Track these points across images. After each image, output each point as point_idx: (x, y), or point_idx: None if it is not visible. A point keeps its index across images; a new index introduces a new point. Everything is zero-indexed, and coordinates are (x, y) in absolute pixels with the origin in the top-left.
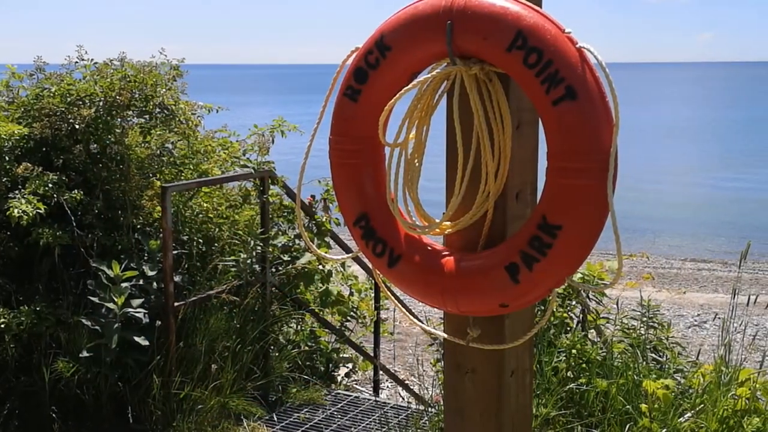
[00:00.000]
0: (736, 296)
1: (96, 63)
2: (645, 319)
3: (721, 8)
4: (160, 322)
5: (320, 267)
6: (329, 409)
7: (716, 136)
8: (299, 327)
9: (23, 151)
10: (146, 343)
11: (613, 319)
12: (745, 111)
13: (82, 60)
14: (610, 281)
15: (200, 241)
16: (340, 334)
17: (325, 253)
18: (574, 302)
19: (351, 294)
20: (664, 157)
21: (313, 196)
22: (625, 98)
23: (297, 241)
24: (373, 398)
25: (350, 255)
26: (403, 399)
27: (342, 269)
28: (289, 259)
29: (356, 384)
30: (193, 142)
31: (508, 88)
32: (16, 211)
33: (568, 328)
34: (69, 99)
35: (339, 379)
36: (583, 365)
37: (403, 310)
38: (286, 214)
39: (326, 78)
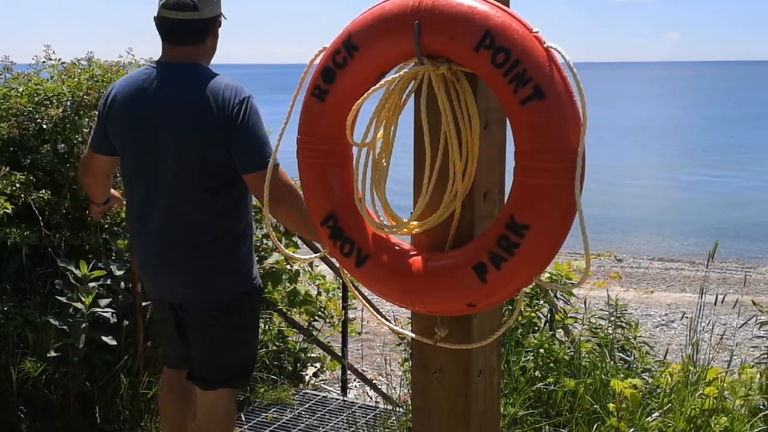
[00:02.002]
0: (703, 296)
1: (64, 63)
2: (613, 318)
3: (688, 8)
4: (127, 322)
5: (288, 267)
6: (297, 409)
7: (683, 135)
8: (267, 327)
9: None
10: (114, 342)
11: (580, 319)
12: (711, 110)
13: (50, 60)
14: (577, 281)
15: None
16: (308, 333)
17: (293, 252)
18: (541, 302)
19: (319, 294)
20: (632, 157)
21: None
22: (592, 98)
23: (264, 241)
24: (341, 398)
25: (318, 255)
26: (371, 399)
27: (310, 269)
28: (256, 258)
29: (324, 384)
30: None
31: (476, 88)
32: None
33: (536, 328)
34: (36, 99)
35: (307, 378)
36: (551, 365)
37: (371, 309)
38: (253, 213)
39: (294, 78)
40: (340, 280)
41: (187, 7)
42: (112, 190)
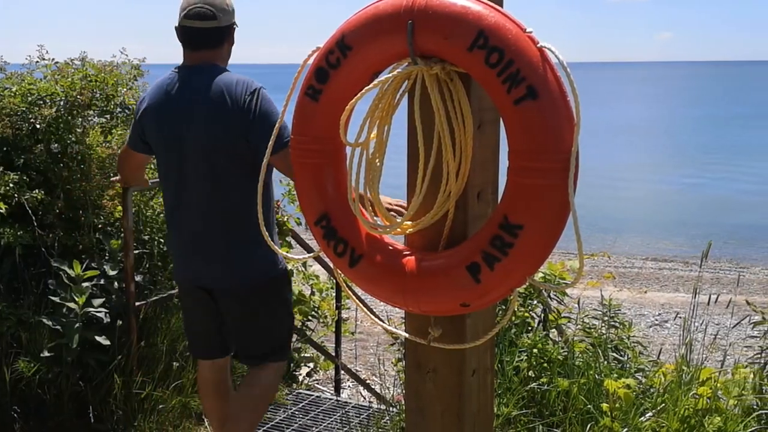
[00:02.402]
0: (697, 295)
1: (57, 63)
2: (606, 318)
3: (680, 8)
4: (121, 322)
5: None
6: (290, 409)
7: (676, 134)
8: None
9: None
10: (107, 342)
11: (574, 319)
12: (704, 110)
13: (43, 60)
14: (571, 281)
15: (161, 240)
16: (302, 333)
17: (287, 252)
18: (535, 302)
19: (312, 293)
20: (626, 156)
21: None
22: (586, 98)
23: None
24: (335, 398)
25: (311, 254)
26: (365, 398)
27: (303, 269)
28: None
29: (317, 383)
30: None
31: (470, 88)
32: None
33: (530, 328)
34: (30, 98)
35: (300, 378)
36: (545, 365)
37: (365, 309)
38: None
39: (287, 78)
40: (334, 280)
41: (207, 17)
42: None
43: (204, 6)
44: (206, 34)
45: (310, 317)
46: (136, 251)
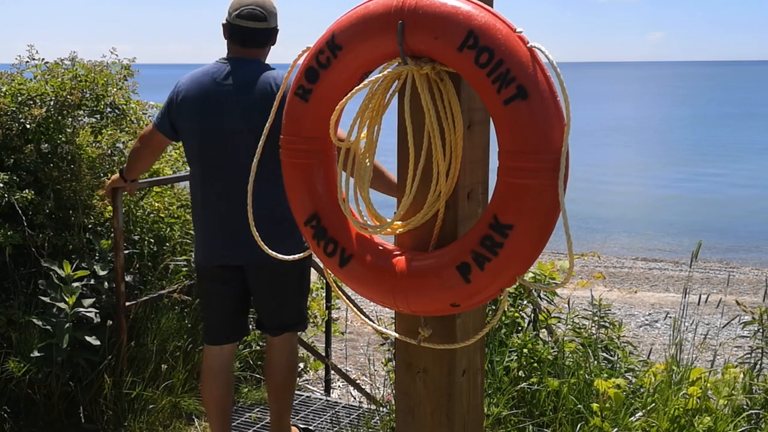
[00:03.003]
0: (687, 295)
1: (47, 63)
2: (596, 318)
3: (671, 9)
4: (111, 322)
5: None
6: None
7: (666, 134)
8: (251, 326)
9: None
10: (97, 342)
11: (564, 319)
12: (694, 109)
13: (33, 60)
14: (561, 281)
15: (151, 240)
16: None
17: (277, 252)
18: (525, 302)
19: None
20: (616, 156)
21: None
22: (576, 97)
23: None
24: (325, 398)
25: (301, 254)
26: (355, 399)
27: None
28: None
29: (307, 384)
30: None
31: (460, 88)
32: None
33: (520, 328)
34: (20, 99)
35: None
36: (535, 365)
37: (355, 309)
38: None
39: None
40: (324, 280)
41: (258, 19)
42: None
43: (256, 8)
44: (257, 34)
45: None
46: (126, 251)
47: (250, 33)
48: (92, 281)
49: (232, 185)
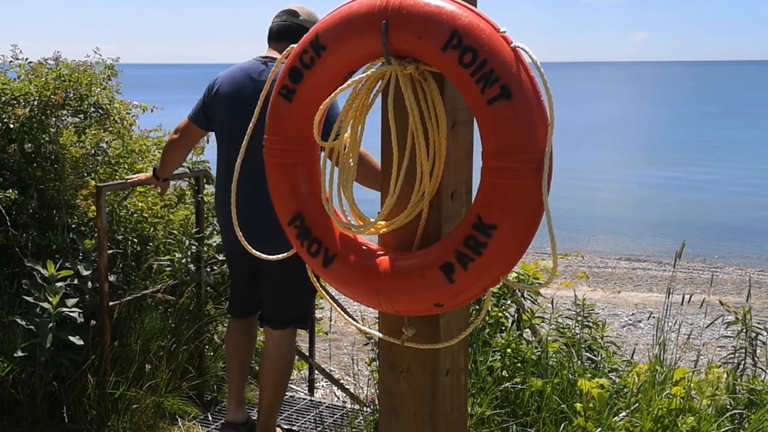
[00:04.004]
0: (670, 295)
1: (31, 62)
2: (580, 318)
3: (655, 8)
4: (95, 322)
5: None
6: None
7: (650, 133)
8: None
9: None
10: (81, 342)
11: (548, 319)
12: (678, 108)
13: (17, 59)
14: (545, 280)
15: (135, 240)
16: None
17: (260, 252)
18: (509, 301)
19: None
20: (600, 156)
21: None
22: (560, 97)
23: None
24: (308, 398)
25: (285, 254)
26: (339, 398)
27: None
28: (224, 258)
29: (291, 383)
30: (128, 141)
31: (443, 88)
32: None
33: (503, 328)
34: (3, 98)
35: None
36: (519, 364)
37: (339, 309)
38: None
39: None
40: None
41: (293, 14)
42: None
43: (295, 7)
44: (289, 28)
45: None
46: (110, 251)
47: (282, 27)
48: (76, 281)
49: (248, 180)
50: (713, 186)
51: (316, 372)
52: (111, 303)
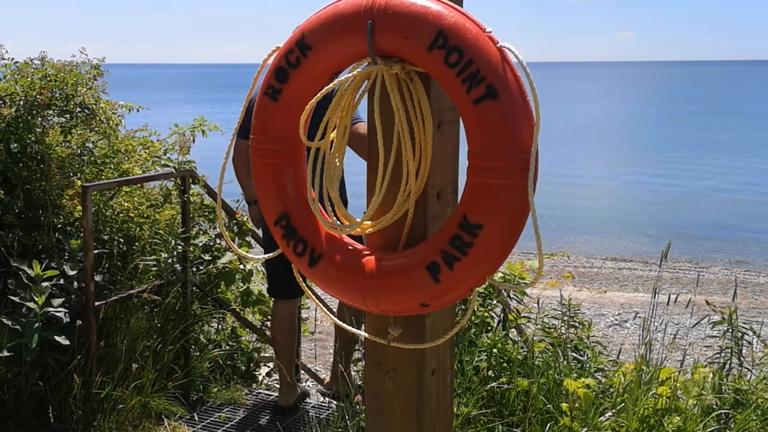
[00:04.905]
0: (656, 295)
1: (16, 62)
2: (566, 318)
3: (640, 8)
4: (80, 322)
5: (241, 266)
6: (250, 409)
7: (634, 132)
8: (220, 326)
9: None
10: (67, 342)
11: (534, 319)
12: (662, 107)
13: (2, 59)
14: (531, 280)
15: (121, 240)
16: (261, 333)
17: (246, 252)
18: (495, 301)
19: None
20: (585, 155)
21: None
22: (545, 97)
23: (218, 241)
24: None
25: (271, 254)
26: (324, 398)
27: (263, 269)
28: (210, 258)
29: (277, 384)
30: (113, 141)
31: (429, 88)
32: None
33: (489, 328)
34: None
35: (260, 378)
36: (504, 364)
37: (324, 309)
38: (207, 213)
39: (248, 77)
40: None
41: None
42: None
43: None
44: None
45: (269, 317)
46: (96, 251)
47: None
48: (62, 281)
49: None
50: (699, 186)
51: (302, 372)
52: (97, 303)
